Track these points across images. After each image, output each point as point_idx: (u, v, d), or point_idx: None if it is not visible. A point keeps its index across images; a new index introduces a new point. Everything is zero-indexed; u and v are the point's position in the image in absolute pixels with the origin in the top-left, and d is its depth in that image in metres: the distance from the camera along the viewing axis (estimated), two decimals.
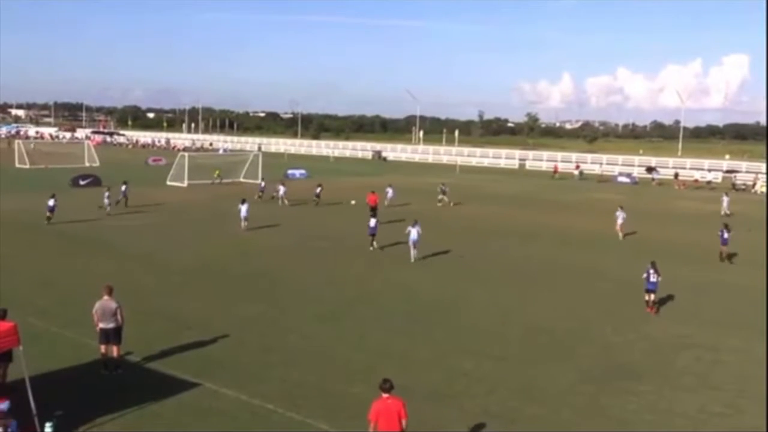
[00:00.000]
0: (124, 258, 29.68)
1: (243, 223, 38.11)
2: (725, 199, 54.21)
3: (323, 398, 15.40)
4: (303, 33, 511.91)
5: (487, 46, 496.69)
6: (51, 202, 38.19)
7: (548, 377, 17.40)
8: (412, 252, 31.32)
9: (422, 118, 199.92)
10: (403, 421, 11.34)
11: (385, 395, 11.51)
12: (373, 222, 34.55)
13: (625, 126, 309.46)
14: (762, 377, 17.74)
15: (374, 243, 33.83)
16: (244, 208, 38.32)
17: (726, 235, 33.83)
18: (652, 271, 24.12)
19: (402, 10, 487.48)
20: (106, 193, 42.78)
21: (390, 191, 51.80)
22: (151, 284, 25.34)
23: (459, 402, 15.56)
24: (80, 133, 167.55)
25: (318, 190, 50.84)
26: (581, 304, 24.85)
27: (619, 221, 41.87)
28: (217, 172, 64.94)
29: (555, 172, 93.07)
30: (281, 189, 50.01)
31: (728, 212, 52.56)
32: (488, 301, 24.64)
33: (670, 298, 26.12)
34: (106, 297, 16.34)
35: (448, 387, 16.46)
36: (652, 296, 24.21)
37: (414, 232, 31.37)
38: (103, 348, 16.36)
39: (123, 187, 45.03)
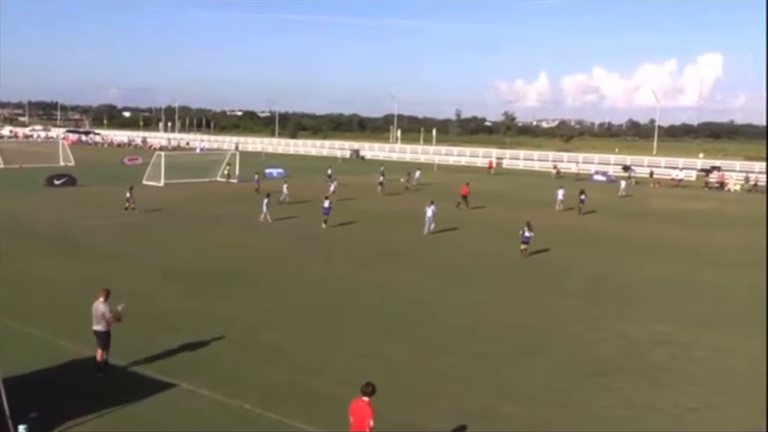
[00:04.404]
0: (101, 258, 29.42)
1: (262, 216, 40.95)
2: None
3: (301, 398, 15.40)
4: (281, 31, 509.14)
5: (464, 44, 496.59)
6: (128, 194, 43.37)
7: (525, 375, 17.54)
8: (426, 227, 37.94)
9: (400, 117, 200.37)
10: (368, 420, 11.20)
11: (364, 397, 11.44)
12: (327, 203, 39.67)
13: (601, 125, 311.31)
14: (736, 373, 18.11)
15: (326, 221, 39.21)
16: (264, 202, 41.50)
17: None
18: (526, 228, 32.45)
19: (379, 9, 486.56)
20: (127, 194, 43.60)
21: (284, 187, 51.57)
22: (129, 284, 25.07)
23: (436, 401, 15.62)
24: (54, 132, 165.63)
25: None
26: (554, 301, 25.06)
27: (559, 197, 51.60)
28: (227, 168, 67.19)
29: (490, 167, 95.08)
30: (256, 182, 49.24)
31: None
32: (465, 300, 24.77)
33: (643, 295, 26.44)
34: (100, 299, 16.23)
35: (426, 386, 16.51)
36: (525, 246, 32.55)
37: (429, 211, 37.98)
38: (99, 351, 16.31)
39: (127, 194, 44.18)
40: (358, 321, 21.66)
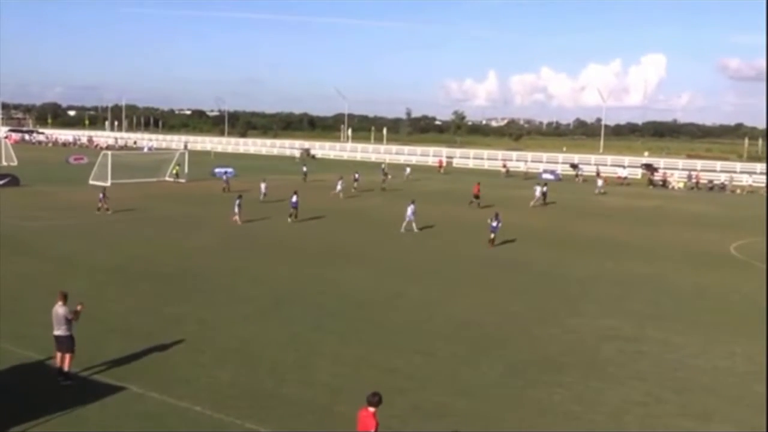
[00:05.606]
0: (47, 259, 28.74)
1: (237, 218, 39.99)
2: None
3: (253, 399, 15.24)
4: (230, 29, 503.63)
5: (413, 43, 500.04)
6: (101, 195, 43.68)
7: (477, 372, 17.65)
8: (404, 224, 38.94)
9: (351, 116, 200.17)
10: (370, 430, 10.95)
11: (369, 408, 11.16)
12: (294, 198, 41.35)
13: (549, 124, 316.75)
14: (682, 367, 18.52)
15: (294, 216, 41.10)
16: (236, 203, 40.66)
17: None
18: (495, 219, 35.06)
19: (330, 8, 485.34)
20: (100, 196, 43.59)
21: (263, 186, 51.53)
22: (76, 286, 24.41)
23: (389, 399, 15.48)
24: None
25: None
26: (506, 298, 25.32)
27: (537, 194, 55.00)
28: (176, 168, 67.05)
29: (440, 166, 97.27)
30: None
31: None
32: (416, 297, 24.84)
33: (592, 291, 26.86)
34: (59, 303, 15.81)
35: (378, 384, 16.41)
36: (493, 235, 34.87)
37: (409, 210, 39.01)
38: (58, 356, 15.86)
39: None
40: (313, 320, 21.52)
